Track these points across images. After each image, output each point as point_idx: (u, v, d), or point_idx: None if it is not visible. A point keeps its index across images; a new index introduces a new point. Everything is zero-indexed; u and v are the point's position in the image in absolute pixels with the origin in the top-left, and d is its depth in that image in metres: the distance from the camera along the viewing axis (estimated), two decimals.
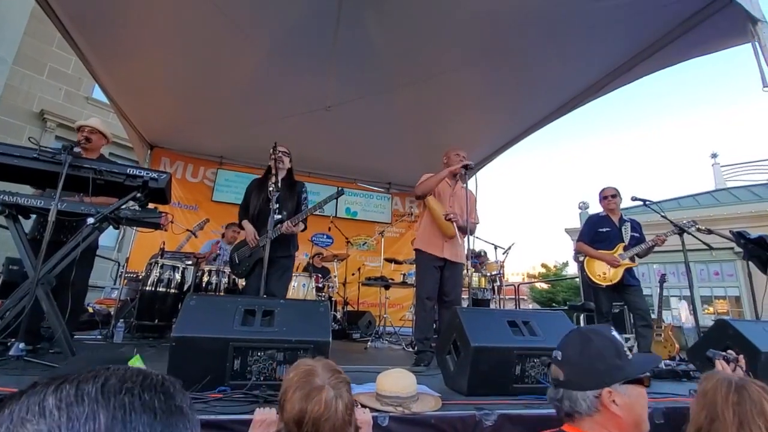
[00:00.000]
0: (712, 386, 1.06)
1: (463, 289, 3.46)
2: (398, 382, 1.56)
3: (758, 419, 0.96)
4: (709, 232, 3.50)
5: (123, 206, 2.30)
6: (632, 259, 3.43)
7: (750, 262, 3.27)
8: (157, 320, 3.74)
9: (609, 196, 3.66)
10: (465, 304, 3.29)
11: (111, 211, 2.25)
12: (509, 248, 5.38)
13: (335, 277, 5.40)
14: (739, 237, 3.25)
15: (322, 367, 1.00)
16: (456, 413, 1.56)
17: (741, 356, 1.72)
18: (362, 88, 4.53)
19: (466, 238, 3.06)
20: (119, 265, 6.69)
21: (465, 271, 3.18)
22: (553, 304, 17.79)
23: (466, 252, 3.07)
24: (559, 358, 0.99)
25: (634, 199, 3.49)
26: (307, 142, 5.29)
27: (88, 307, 4.10)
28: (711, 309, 9.96)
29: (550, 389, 1.01)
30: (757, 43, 2.80)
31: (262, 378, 1.66)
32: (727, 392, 1.02)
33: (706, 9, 3.00)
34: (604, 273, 3.41)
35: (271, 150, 3.10)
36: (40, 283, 2.07)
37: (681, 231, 3.27)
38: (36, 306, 2.07)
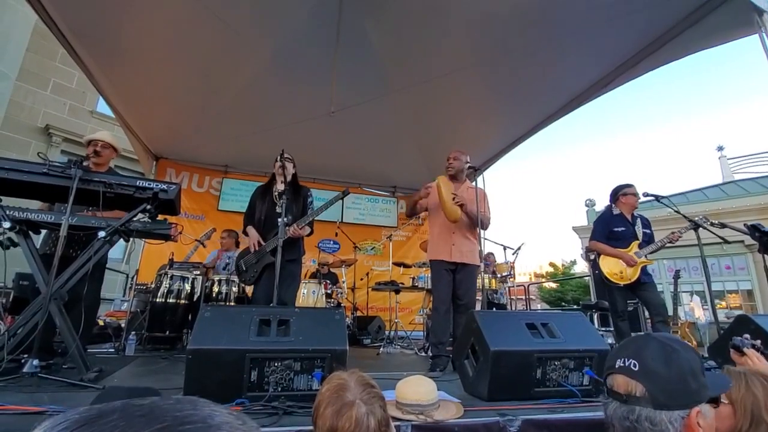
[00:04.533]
0: (745, 389, 0.99)
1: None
2: (419, 390, 1.53)
3: None
4: (723, 226, 3.45)
5: (133, 218, 2.29)
6: (646, 256, 3.38)
7: (766, 256, 3.21)
8: (168, 332, 3.73)
9: (636, 194, 3.55)
10: (478, 306, 3.23)
11: (122, 224, 2.25)
12: (519, 248, 5.34)
13: (344, 282, 5.37)
14: (754, 230, 3.19)
15: (355, 381, 0.96)
16: (479, 420, 1.53)
17: (758, 341, 1.67)
18: (365, 93, 4.53)
19: (478, 238, 3.03)
20: (128, 277, 6.72)
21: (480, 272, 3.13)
22: (563, 303, 17.66)
23: (479, 252, 3.03)
24: (635, 369, 0.81)
25: (646, 194, 3.44)
26: (312, 148, 5.29)
27: (99, 320, 4.09)
28: (723, 303, 9.82)
29: (615, 406, 0.82)
30: (764, 34, 2.78)
31: (279, 389, 1.63)
32: (765, 392, 0.97)
33: (712, 1, 2.98)
34: (621, 272, 3.34)
35: (278, 157, 3.11)
36: (53, 299, 2.05)
37: (696, 226, 3.21)
38: (49, 321, 2.06)
